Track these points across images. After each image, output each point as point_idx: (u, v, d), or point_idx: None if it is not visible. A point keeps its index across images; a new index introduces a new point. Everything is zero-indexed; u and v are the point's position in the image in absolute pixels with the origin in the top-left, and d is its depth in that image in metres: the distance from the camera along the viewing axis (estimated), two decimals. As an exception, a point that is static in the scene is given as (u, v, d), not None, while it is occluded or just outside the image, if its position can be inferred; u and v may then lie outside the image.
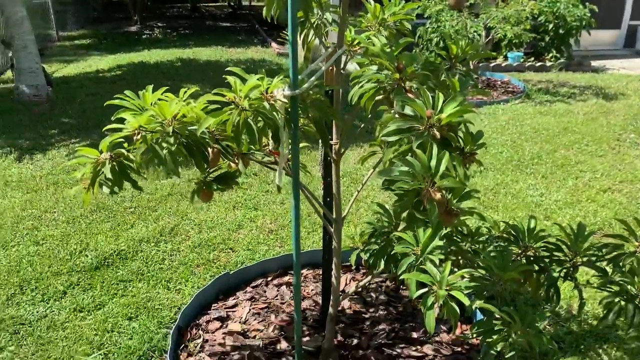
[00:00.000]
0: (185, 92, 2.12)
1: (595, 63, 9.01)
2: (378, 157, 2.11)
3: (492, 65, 8.42)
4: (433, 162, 1.24)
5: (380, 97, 1.57)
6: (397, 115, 1.43)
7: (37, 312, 2.54)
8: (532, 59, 8.72)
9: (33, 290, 2.71)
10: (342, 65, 1.96)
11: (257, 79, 1.59)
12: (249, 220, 3.43)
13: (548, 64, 8.51)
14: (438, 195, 1.24)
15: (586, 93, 6.51)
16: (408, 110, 1.36)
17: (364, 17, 2.32)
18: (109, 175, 1.80)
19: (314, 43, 2.20)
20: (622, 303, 1.65)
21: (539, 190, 3.84)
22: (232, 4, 17.95)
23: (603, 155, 4.49)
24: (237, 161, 2.01)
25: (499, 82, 7.12)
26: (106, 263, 2.94)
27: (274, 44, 9.88)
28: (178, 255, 3.02)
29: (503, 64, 8.48)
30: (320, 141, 2.10)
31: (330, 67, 1.93)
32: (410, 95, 1.44)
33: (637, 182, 3.97)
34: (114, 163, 1.83)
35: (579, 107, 5.88)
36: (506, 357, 1.61)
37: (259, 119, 1.60)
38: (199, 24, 13.75)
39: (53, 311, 2.55)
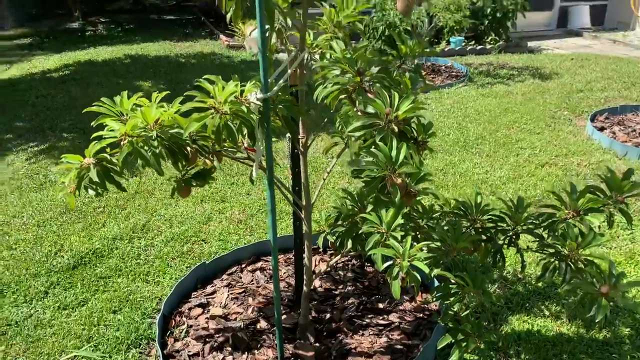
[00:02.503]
0: (157, 96, 2.28)
1: (531, 44, 9.52)
2: (339, 147, 2.33)
3: (437, 50, 8.77)
4: (394, 153, 1.47)
5: (343, 96, 1.78)
6: (360, 113, 1.65)
7: (22, 312, 2.64)
8: (473, 42, 9.14)
9: (14, 292, 2.80)
10: (304, 66, 2.16)
11: (234, 86, 1.76)
12: (217, 212, 3.59)
13: (488, 46, 8.94)
14: (399, 180, 1.47)
15: (524, 74, 6.94)
16: (370, 109, 1.58)
17: (321, 20, 2.53)
18: (95, 179, 1.94)
19: (275, 46, 2.38)
20: (556, 263, 1.94)
21: (484, 168, 4.16)
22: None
23: (540, 132, 4.88)
24: (212, 158, 2.19)
25: (442, 67, 7.47)
26: (83, 262, 3.05)
27: (222, 37, 9.91)
28: (153, 250, 3.16)
29: (446, 49, 8.85)
30: (287, 135, 2.31)
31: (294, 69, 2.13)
32: (370, 95, 1.65)
33: (571, 155, 4.36)
34: (99, 167, 1.97)
35: (517, 88, 6.29)
36: (462, 315, 1.87)
37: (236, 120, 1.78)
38: (143, 18, 13.55)
39: (37, 311, 2.66)
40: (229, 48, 9.13)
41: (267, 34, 2.06)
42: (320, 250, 3.04)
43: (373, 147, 1.51)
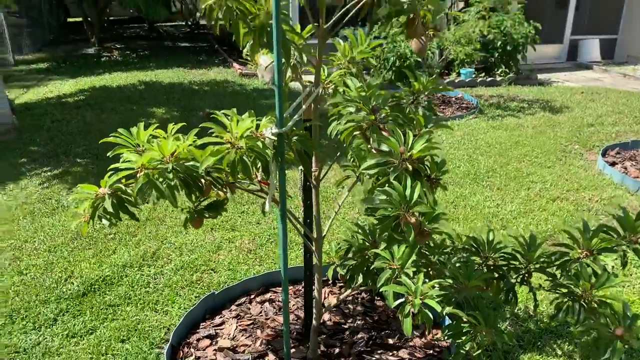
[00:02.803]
0: (173, 127, 2.32)
1: (541, 76, 9.58)
2: (351, 179, 2.34)
3: (446, 81, 8.85)
4: (408, 192, 1.47)
5: (357, 132, 1.80)
6: (374, 150, 1.66)
7: (30, 339, 2.64)
8: (483, 74, 9.21)
9: (23, 319, 2.80)
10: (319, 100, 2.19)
11: (250, 122, 1.79)
12: (227, 241, 3.60)
13: (498, 78, 9.01)
14: (413, 219, 1.48)
15: (534, 107, 6.96)
16: (384, 147, 1.59)
17: (335, 55, 2.57)
18: (110, 209, 1.96)
19: (290, 79, 2.42)
20: (570, 303, 1.92)
21: (495, 201, 4.15)
22: (189, 23, 18.02)
23: (551, 166, 4.87)
24: (225, 190, 2.21)
25: (453, 99, 7.52)
26: (93, 289, 3.06)
27: (235, 65, 10.06)
28: (162, 278, 3.16)
29: (456, 80, 8.93)
30: (300, 167, 2.33)
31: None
32: (384, 133, 1.67)
33: (582, 190, 4.34)
34: (114, 197, 1.99)
35: (528, 120, 6.31)
36: (474, 355, 1.85)
37: (251, 154, 1.80)
38: (157, 45, 13.80)
39: (46, 338, 2.66)
40: (241, 76, 9.26)
41: (282, 69, 2.09)
42: (330, 282, 3.02)
43: (387, 185, 1.52)
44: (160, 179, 1.89)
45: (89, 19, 13.29)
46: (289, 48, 2.07)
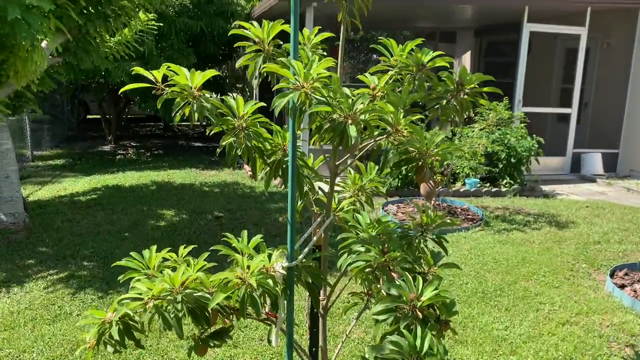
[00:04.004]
0: (184, 251, 2.37)
1: (546, 187, 9.72)
2: (359, 306, 2.33)
3: (452, 190, 8.99)
4: (418, 342, 1.47)
5: (368, 269, 1.83)
6: (384, 292, 1.68)
7: None
8: (489, 184, 9.37)
9: None
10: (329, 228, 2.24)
11: (262, 258, 1.82)
12: (229, 358, 3.51)
13: (503, 189, 9.14)
14: (422, 371, 1.46)
15: (540, 221, 7.01)
16: (393, 292, 1.61)
17: (346, 182, 2.66)
18: (116, 337, 1.95)
19: (302, 206, 2.49)
20: None
21: (503, 323, 4.07)
22: (203, 123, 18.72)
23: (559, 286, 4.82)
24: (232, 318, 2.20)
25: (459, 209, 7.60)
26: (88, 409, 2.95)
27: (246, 166, 10.32)
28: (160, 399, 3.06)
29: (461, 190, 9.06)
30: (307, 295, 2.33)
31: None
32: (394, 274, 1.70)
33: (592, 314, 4.26)
34: (120, 324, 1.99)
35: (534, 236, 6.33)
36: None
37: (260, 289, 1.82)
38: (172, 144, 14.25)
39: None
40: (251, 178, 9.47)
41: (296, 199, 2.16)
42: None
43: (396, 333, 1.52)
44: (169, 308, 1.90)
45: (107, 116, 13.89)
46: (302, 181, 2.15)
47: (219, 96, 13.61)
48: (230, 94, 16.57)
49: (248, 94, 15.04)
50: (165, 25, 10.66)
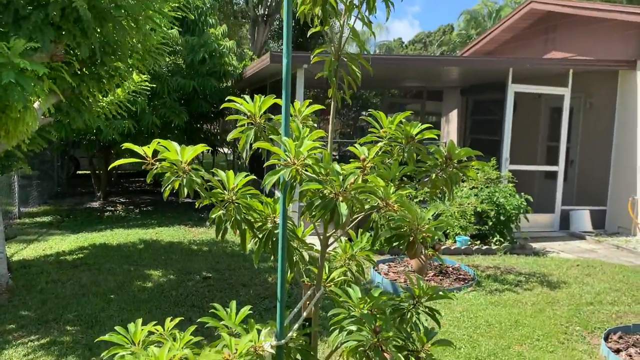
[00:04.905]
0: (170, 325, 2.31)
1: (536, 245, 9.72)
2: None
3: (443, 247, 8.96)
4: None
5: (360, 350, 1.79)
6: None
7: None
8: (479, 242, 9.36)
9: None
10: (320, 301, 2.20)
11: (250, 338, 1.78)
12: None
13: (494, 247, 9.13)
14: None
15: (531, 281, 6.97)
16: (386, 375, 1.57)
17: (336, 251, 2.64)
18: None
19: (290, 279, 2.45)
20: None
21: (498, 391, 3.97)
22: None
23: (554, 350, 4.74)
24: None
25: (450, 269, 7.55)
26: None
27: (235, 224, 10.26)
28: None
29: (452, 247, 9.03)
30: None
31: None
32: (386, 355, 1.66)
33: (589, 381, 4.18)
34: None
35: (526, 297, 6.27)
36: None
37: (249, 370, 1.77)
38: (161, 200, 14.18)
39: None
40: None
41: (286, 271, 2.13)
42: None
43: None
44: (153, 389, 1.84)
45: (97, 172, 13.86)
46: (292, 255, 2.13)
47: (209, 152, 13.57)
48: (221, 150, 16.69)
49: (238, 150, 15.13)
50: (158, 85, 10.83)
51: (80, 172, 18.58)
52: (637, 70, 10.62)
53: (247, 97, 2.16)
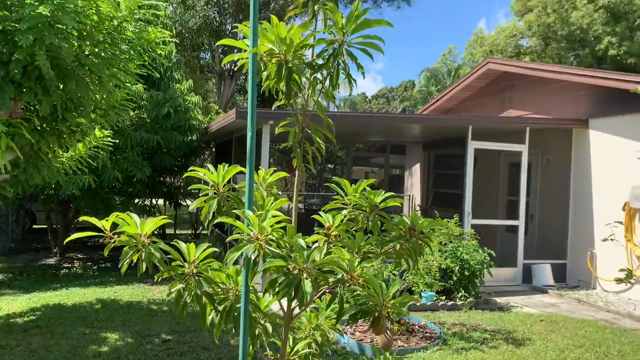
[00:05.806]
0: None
1: (500, 299, 9.76)
2: None
3: (409, 304, 8.91)
4: None
5: None
6: None
7: None
8: (444, 297, 9.35)
9: None
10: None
11: None
12: None
13: (459, 302, 9.12)
14: None
15: (497, 338, 6.96)
16: None
17: (301, 321, 2.57)
18: None
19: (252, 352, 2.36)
20: None
21: None
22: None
23: (522, 413, 4.68)
24: None
25: (416, 326, 7.48)
26: None
27: (197, 281, 10.00)
28: None
29: (418, 304, 8.99)
30: None
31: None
32: None
33: None
34: None
35: (492, 355, 6.24)
36: None
37: None
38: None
39: None
40: (203, 294, 9.13)
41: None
42: None
43: None
44: None
45: (54, 226, 13.39)
46: (255, 329, 2.07)
47: (172, 205, 13.27)
48: (184, 203, 16.45)
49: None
50: (121, 139, 10.70)
51: (36, 226, 17.95)
52: (590, 128, 11.11)
53: (210, 167, 2.14)
